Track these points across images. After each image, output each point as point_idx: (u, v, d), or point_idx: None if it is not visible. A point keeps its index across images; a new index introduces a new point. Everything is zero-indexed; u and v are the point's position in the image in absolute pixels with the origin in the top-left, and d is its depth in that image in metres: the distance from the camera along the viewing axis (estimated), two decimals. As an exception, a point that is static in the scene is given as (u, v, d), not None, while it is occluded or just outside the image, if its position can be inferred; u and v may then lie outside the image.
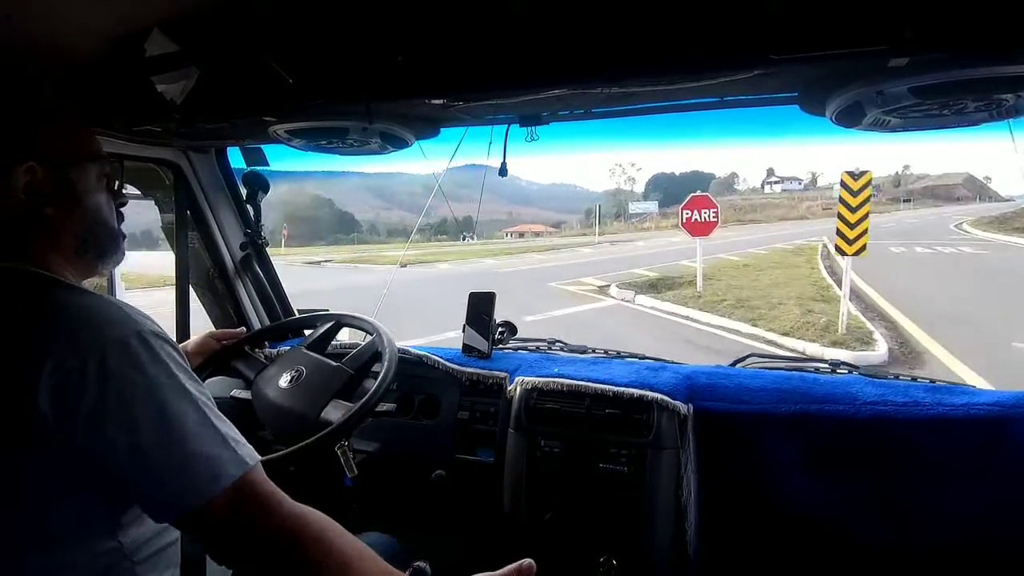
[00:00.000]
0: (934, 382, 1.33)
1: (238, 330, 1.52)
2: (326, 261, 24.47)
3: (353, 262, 23.27)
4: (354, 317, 1.51)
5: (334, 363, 1.35)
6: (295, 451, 1.16)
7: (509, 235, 63.15)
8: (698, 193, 10.12)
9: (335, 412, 1.23)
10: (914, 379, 1.35)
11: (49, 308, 0.71)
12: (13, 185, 0.75)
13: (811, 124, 1.15)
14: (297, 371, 1.34)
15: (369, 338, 1.40)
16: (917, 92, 0.87)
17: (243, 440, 0.72)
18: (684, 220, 9.92)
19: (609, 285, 11.95)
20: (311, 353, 1.41)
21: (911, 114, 0.95)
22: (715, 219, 9.92)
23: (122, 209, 0.90)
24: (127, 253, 0.90)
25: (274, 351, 1.61)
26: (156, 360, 0.69)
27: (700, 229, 9.90)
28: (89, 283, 0.85)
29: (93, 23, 0.89)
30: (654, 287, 11.16)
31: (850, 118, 1.00)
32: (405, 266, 18.85)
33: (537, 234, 59.22)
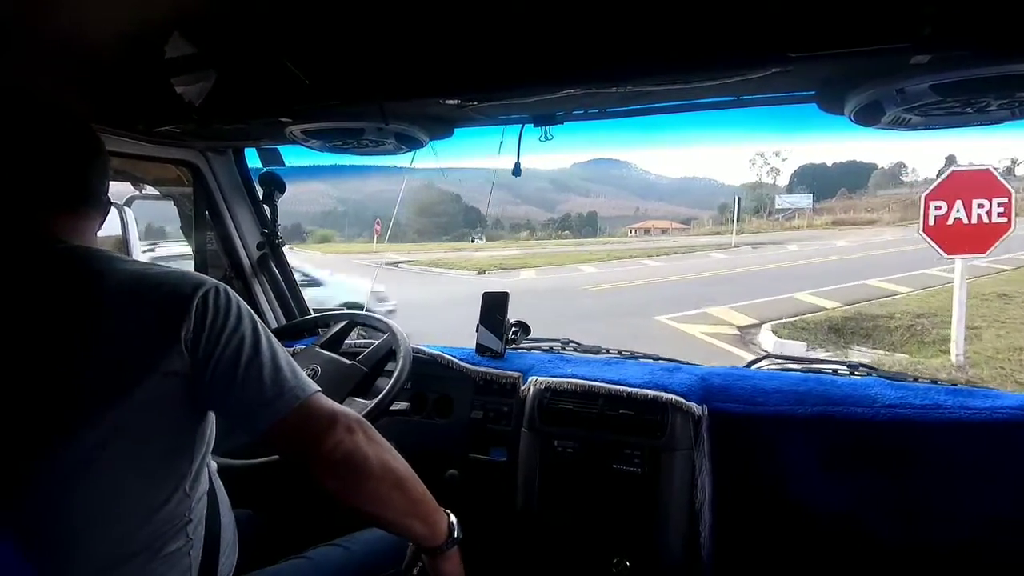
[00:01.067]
0: (955, 385, 1.31)
1: None
2: (406, 262, 21.65)
3: (434, 265, 20.09)
4: (368, 316, 1.52)
5: (348, 361, 1.36)
6: None
7: (633, 232, 59.34)
8: (966, 167, 5.07)
9: (352, 409, 1.24)
10: (934, 382, 1.33)
11: (149, 273, 0.78)
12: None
13: (828, 123, 1.13)
14: (312, 369, 1.35)
15: (383, 337, 1.41)
16: (938, 90, 0.85)
17: (301, 373, 0.82)
18: (931, 222, 4.83)
19: (758, 326, 7.01)
20: (325, 352, 1.43)
21: (932, 112, 0.93)
22: (1006, 218, 4.68)
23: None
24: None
25: (288, 349, 1.63)
26: (239, 302, 0.80)
27: (965, 239, 4.75)
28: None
29: (115, 26, 0.91)
30: (838, 333, 6.32)
31: (869, 116, 0.98)
32: (483, 272, 16.78)
33: (663, 231, 55.46)
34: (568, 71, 0.92)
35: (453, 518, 0.94)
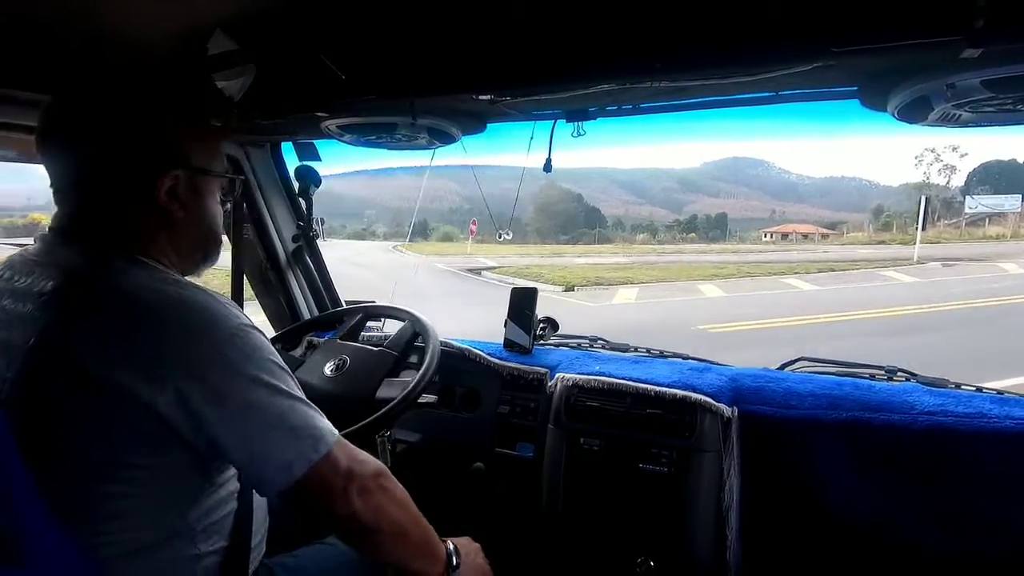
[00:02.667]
0: (1001, 393, 1.25)
1: None
2: (489, 269, 18.20)
3: (521, 274, 16.30)
4: (393, 308, 1.54)
5: (375, 348, 1.38)
6: (357, 430, 1.19)
7: (769, 236, 52.83)
8: None
9: (390, 390, 1.28)
10: (979, 389, 1.28)
11: (149, 298, 0.75)
12: (158, 188, 0.81)
13: (869, 120, 1.10)
14: (340, 360, 1.38)
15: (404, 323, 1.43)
16: (990, 86, 0.81)
17: (320, 424, 0.79)
18: None
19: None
20: (349, 343, 1.45)
21: (983, 108, 0.89)
22: None
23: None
24: None
25: (319, 340, 1.67)
26: (248, 357, 0.75)
27: None
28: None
29: (161, 23, 0.94)
30: None
31: (914, 113, 0.95)
32: (572, 289, 13.36)
33: (805, 235, 49.06)
34: (602, 66, 0.91)
35: (451, 545, 0.95)
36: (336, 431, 0.81)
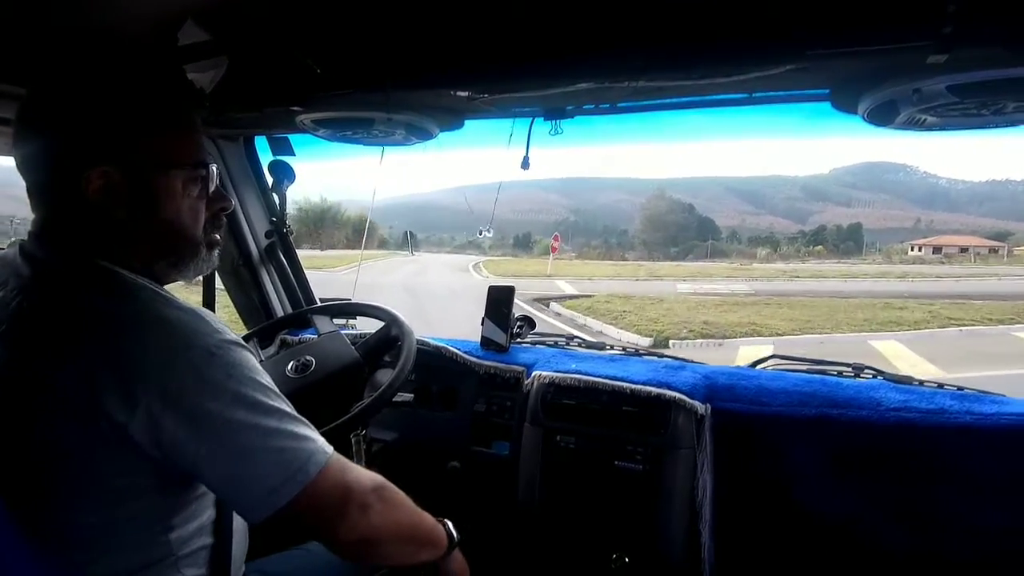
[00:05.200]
0: (961, 389, 1.30)
1: None
2: (563, 299, 13.97)
3: (600, 309, 12.31)
4: (368, 306, 1.52)
5: (348, 348, 1.36)
6: (331, 429, 1.16)
7: (918, 249, 45.10)
8: None
9: (366, 389, 1.28)
10: (940, 386, 1.32)
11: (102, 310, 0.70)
12: (83, 187, 0.73)
13: (840, 122, 1.12)
14: (306, 359, 1.35)
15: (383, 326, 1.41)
16: (956, 90, 0.84)
17: (308, 446, 0.73)
18: None
19: None
20: (319, 343, 1.43)
21: (948, 113, 0.92)
22: None
23: (222, 213, 0.88)
24: None
25: (294, 339, 1.64)
26: (229, 376, 0.70)
27: None
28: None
29: (129, 13, 0.91)
30: None
31: (883, 116, 0.97)
32: (666, 343, 9.18)
33: (962, 249, 41.67)
34: (580, 65, 0.91)
35: (450, 524, 0.93)
36: (330, 448, 0.75)
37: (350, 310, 1.63)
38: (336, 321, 1.63)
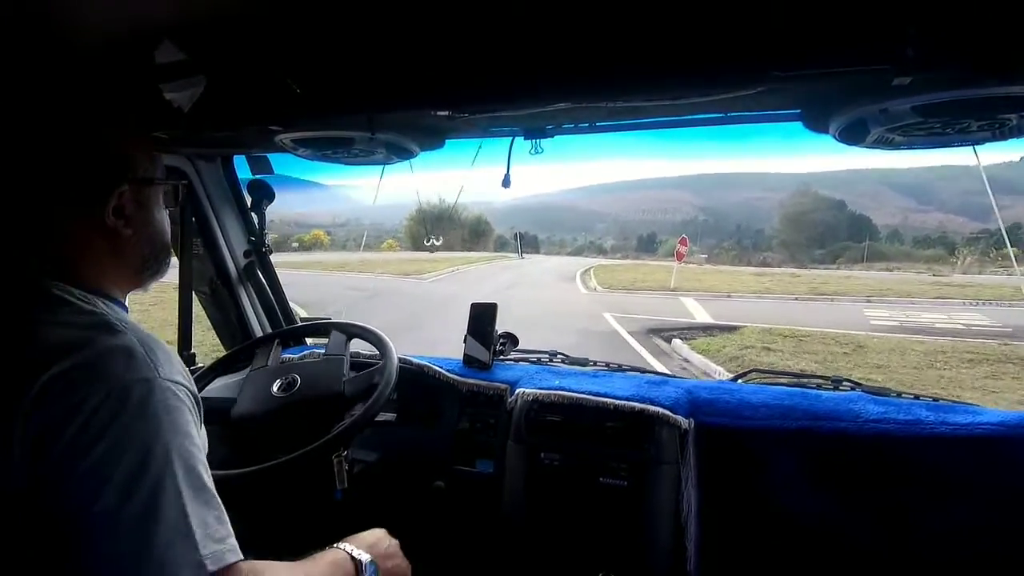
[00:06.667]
0: (936, 400, 1.32)
1: None
2: (693, 332, 9.25)
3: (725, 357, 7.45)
4: (348, 324, 1.50)
5: (338, 376, 1.34)
6: (312, 450, 1.15)
7: None
8: None
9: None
10: (916, 397, 1.35)
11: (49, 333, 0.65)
12: (106, 209, 0.74)
13: (815, 141, 1.12)
14: (290, 378, 1.33)
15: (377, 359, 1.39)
16: (920, 111, 0.87)
17: (217, 541, 0.62)
18: None
19: None
20: (300, 361, 1.41)
21: (914, 132, 0.95)
22: None
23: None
24: None
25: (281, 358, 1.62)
26: (157, 417, 0.62)
27: None
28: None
29: (103, 28, 0.90)
30: None
31: (854, 135, 1.00)
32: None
33: None
34: (558, 86, 0.92)
35: (345, 547, 0.84)
36: (237, 551, 0.64)
37: (332, 329, 1.61)
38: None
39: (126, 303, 0.82)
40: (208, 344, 2.46)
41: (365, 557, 0.83)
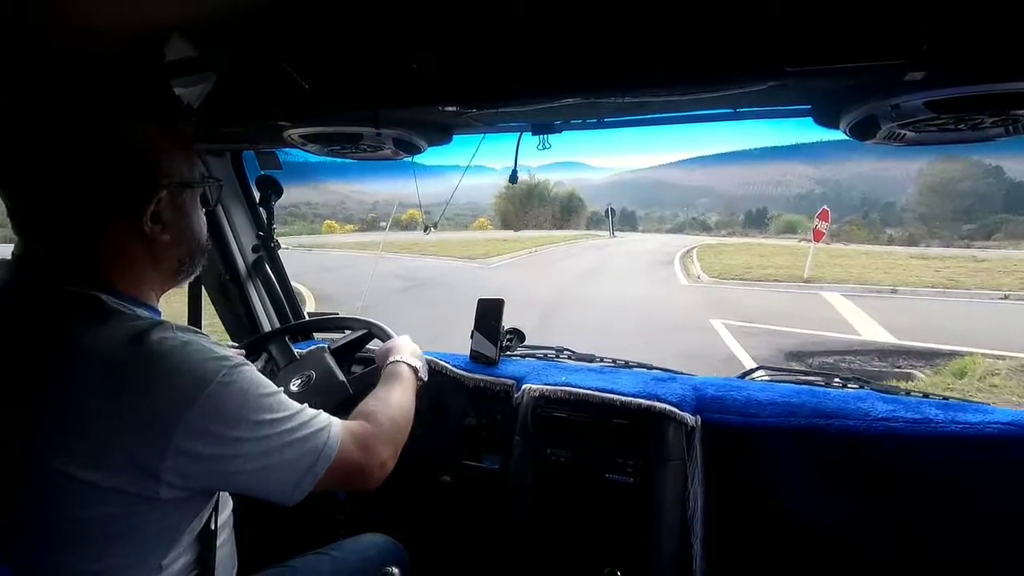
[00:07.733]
0: (946, 399, 1.31)
1: None
2: (866, 357, 5.47)
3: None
4: (357, 320, 1.51)
5: (341, 377, 1.35)
6: None
7: None
8: None
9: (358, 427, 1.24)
10: (926, 395, 1.34)
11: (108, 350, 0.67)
12: (145, 215, 0.74)
13: (824, 137, 1.09)
14: (307, 374, 1.35)
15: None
16: (933, 106, 0.86)
17: (322, 430, 0.81)
18: None
19: None
20: (328, 358, 1.42)
21: (926, 128, 0.94)
22: None
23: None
24: None
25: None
26: (243, 405, 0.72)
27: None
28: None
29: (113, 25, 0.90)
30: None
31: (864, 131, 0.99)
32: None
33: None
34: (567, 82, 0.92)
35: (400, 358, 1.20)
36: (337, 425, 0.84)
37: (340, 324, 1.62)
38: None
39: (159, 307, 0.82)
40: (215, 337, 2.48)
41: (418, 363, 1.21)
